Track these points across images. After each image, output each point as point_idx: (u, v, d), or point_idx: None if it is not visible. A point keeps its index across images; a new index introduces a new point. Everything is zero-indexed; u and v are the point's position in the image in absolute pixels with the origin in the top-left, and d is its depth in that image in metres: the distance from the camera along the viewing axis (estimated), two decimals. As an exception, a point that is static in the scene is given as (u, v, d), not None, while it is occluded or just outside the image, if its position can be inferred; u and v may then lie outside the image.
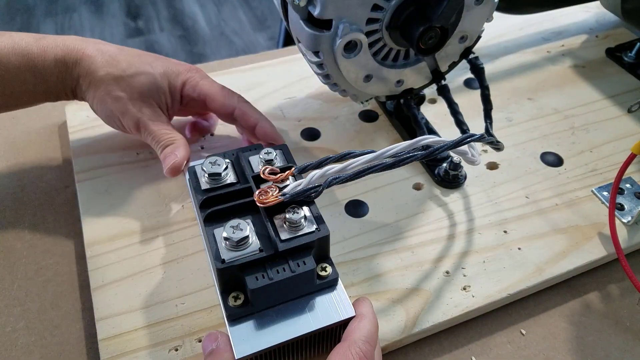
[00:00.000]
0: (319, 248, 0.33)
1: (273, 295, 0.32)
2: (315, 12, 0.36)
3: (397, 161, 0.34)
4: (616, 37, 0.65)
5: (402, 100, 0.48)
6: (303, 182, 0.34)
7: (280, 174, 0.35)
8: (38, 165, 0.50)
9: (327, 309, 0.33)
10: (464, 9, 0.41)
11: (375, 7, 0.38)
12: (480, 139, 0.38)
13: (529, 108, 0.55)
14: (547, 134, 0.52)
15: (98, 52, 0.42)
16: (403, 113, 0.50)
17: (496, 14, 0.45)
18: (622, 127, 0.53)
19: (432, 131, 0.51)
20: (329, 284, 0.34)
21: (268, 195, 0.33)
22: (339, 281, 0.34)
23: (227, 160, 0.37)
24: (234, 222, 0.32)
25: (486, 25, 0.44)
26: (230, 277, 0.32)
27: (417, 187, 0.47)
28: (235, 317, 0.32)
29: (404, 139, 0.51)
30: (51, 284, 0.41)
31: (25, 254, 0.43)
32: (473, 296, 0.39)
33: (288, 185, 0.34)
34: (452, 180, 0.47)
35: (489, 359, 0.38)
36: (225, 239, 0.32)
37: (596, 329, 0.40)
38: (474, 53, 0.45)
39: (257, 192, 0.34)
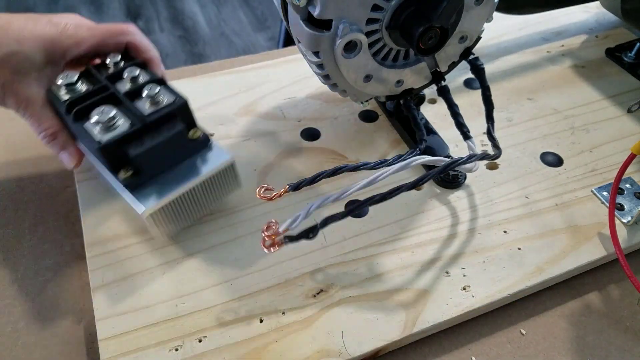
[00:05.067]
0: (183, 117, 0.38)
1: (156, 161, 0.37)
2: (315, 12, 0.36)
3: (392, 190, 0.35)
4: (616, 37, 0.65)
5: (401, 101, 0.48)
6: (301, 215, 0.34)
7: (275, 194, 0.35)
8: (38, 165, 0.50)
9: (207, 162, 0.39)
10: (463, 9, 0.41)
11: (375, 7, 0.38)
12: (482, 158, 0.38)
13: (529, 108, 0.55)
14: (547, 134, 0.52)
15: None
16: (403, 113, 0.50)
17: (496, 14, 0.45)
18: (622, 127, 0.53)
19: (431, 132, 0.51)
20: (204, 145, 0.40)
21: (272, 238, 0.34)
22: (213, 140, 0.40)
23: (77, 73, 0.40)
24: (99, 108, 0.36)
25: (486, 25, 0.44)
26: (113, 155, 0.36)
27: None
28: (133, 186, 0.37)
29: (404, 140, 0.51)
30: (51, 284, 0.41)
31: (25, 254, 0.43)
32: (473, 296, 0.39)
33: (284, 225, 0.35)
34: (452, 180, 0.47)
35: (489, 359, 0.38)
36: (96, 122, 0.36)
37: (596, 329, 0.40)
38: (473, 53, 0.45)
39: (263, 236, 0.34)
